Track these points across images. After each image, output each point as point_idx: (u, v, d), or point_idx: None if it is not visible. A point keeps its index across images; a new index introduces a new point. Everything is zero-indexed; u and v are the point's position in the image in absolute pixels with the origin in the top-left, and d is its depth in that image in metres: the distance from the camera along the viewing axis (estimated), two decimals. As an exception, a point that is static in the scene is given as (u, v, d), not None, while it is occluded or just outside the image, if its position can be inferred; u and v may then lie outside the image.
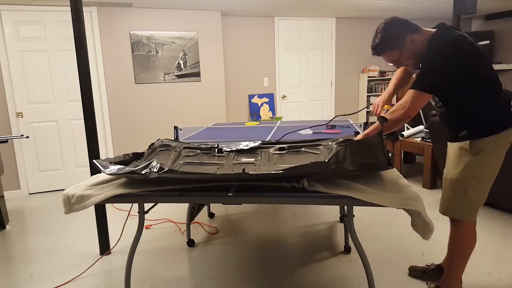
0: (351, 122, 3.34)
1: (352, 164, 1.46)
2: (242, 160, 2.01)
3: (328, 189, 1.47)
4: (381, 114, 1.85)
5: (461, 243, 1.88)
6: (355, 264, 2.39)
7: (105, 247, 2.68)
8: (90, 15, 4.23)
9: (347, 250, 2.57)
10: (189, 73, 4.76)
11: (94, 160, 1.73)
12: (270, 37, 5.44)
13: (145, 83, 4.57)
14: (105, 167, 1.65)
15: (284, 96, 5.69)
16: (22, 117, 4.15)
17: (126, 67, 4.47)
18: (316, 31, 5.69)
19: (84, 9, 4.12)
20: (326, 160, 1.46)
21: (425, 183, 3.90)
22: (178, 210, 3.55)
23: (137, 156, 2.06)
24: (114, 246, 2.78)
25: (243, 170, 1.57)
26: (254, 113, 5.47)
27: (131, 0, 4.05)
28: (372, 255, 2.51)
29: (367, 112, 6.17)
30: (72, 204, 1.59)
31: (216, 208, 3.54)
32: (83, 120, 2.63)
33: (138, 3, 4.19)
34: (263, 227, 3.06)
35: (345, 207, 1.87)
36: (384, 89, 6.11)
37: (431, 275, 2.15)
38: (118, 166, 1.66)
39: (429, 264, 2.20)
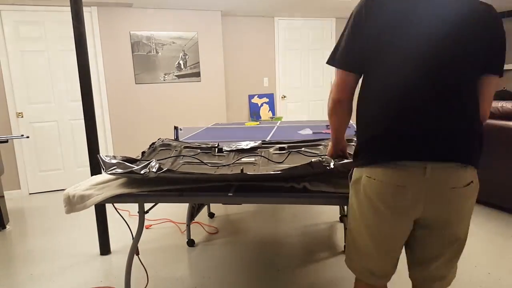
0: (351, 122, 3.34)
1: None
2: (242, 160, 2.01)
3: (329, 189, 1.47)
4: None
5: None
6: (355, 264, 2.39)
7: (105, 247, 2.68)
8: (90, 15, 4.23)
9: (347, 250, 2.57)
10: (189, 73, 4.76)
11: (98, 155, 1.74)
12: (270, 37, 5.44)
13: (145, 83, 4.57)
14: (107, 165, 1.65)
15: (284, 96, 5.69)
16: (22, 117, 4.15)
17: (126, 67, 4.47)
18: (316, 31, 5.69)
19: (84, 9, 4.13)
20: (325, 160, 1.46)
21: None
22: (178, 210, 3.55)
23: (133, 161, 2.04)
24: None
25: (241, 170, 1.58)
26: (254, 113, 5.47)
27: (131, 0, 4.05)
28: (372, 255, 2.51)
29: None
30: (73, 204, 1.59)
31: (216, 208, 3.54)
32: (83, 120, 2.63)
33: (138, 3, 4.19)
34: (263, 227, 3.06)
35: (345, 207, 1.87)
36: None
37: None
38: (119, 161, 1.66)
39: None
